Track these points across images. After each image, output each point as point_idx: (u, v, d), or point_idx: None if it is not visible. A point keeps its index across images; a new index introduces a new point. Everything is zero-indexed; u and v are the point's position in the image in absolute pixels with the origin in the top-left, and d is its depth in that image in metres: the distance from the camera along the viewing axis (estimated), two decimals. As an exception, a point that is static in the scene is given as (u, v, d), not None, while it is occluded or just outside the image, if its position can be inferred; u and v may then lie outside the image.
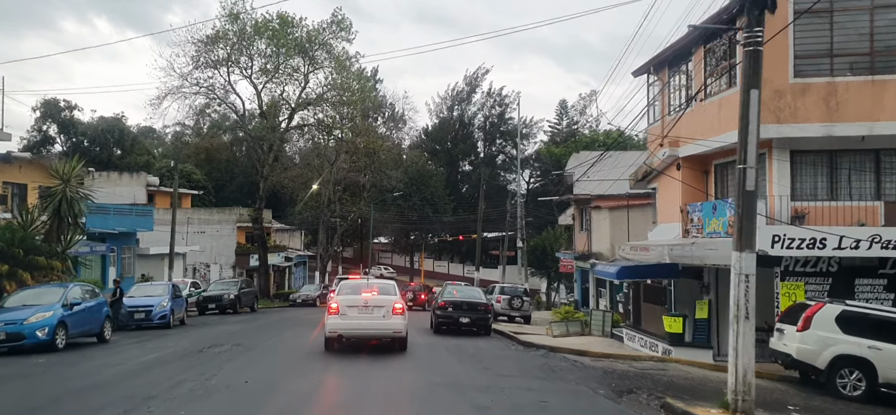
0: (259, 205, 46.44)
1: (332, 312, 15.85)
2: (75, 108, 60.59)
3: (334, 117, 48.22)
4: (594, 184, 32.50)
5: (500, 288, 32.52)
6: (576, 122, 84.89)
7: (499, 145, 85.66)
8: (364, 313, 15.73)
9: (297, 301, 44.69)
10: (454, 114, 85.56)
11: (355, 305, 15.78)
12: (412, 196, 69.81)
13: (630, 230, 26.73)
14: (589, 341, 20.94)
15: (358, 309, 15.74)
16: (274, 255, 52.09)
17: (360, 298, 15.92)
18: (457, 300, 21.83)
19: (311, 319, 30.62)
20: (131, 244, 37.79)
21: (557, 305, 53.92)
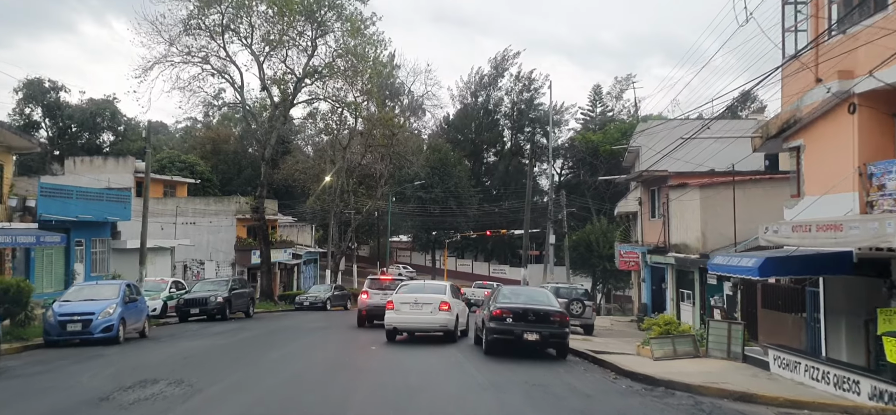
0: (260, 192, 40.02)
1: (389, 307, 18.36)
2: (61, 89, 54.60)
3: (347, 91, 41.68)
4: (669, 162, 25.73)
5: (552, 290, 25.72)
6: (611, 108, 77.89)
7: (527, 134, 78.69)
8: (415, 309, 17.98)
9: (303, 304, 38.21)
10: (478, 100, 78.78)
11: (407, 302, 18.09)
12: (434, 187, 63.12)
13: (739, 214, 19.94)
14: (716, 369, 14.18)
15: (410, 306, 18.00)
16: (279, 251, 45.65)
17: (411, 295, 18.36)
18: (520, 307, 15.11)
19: (315, 327, 24.05)
20: (104, 236, 31.45)
21: (601, 306, 47.11)
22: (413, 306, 18.01)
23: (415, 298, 18.18)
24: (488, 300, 17.19)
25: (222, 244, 43.31)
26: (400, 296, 18.52)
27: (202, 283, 30.20)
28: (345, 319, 31.90)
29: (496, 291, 17.17)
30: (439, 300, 18.10)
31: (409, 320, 18.07)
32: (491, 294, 17.94)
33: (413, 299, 18.11)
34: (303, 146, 73.08)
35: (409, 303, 18.04)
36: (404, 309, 17.99)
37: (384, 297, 21.70)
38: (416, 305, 18.01)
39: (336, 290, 40.77)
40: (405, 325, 18.23)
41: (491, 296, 17.36)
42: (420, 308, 17.99)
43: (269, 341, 18.72)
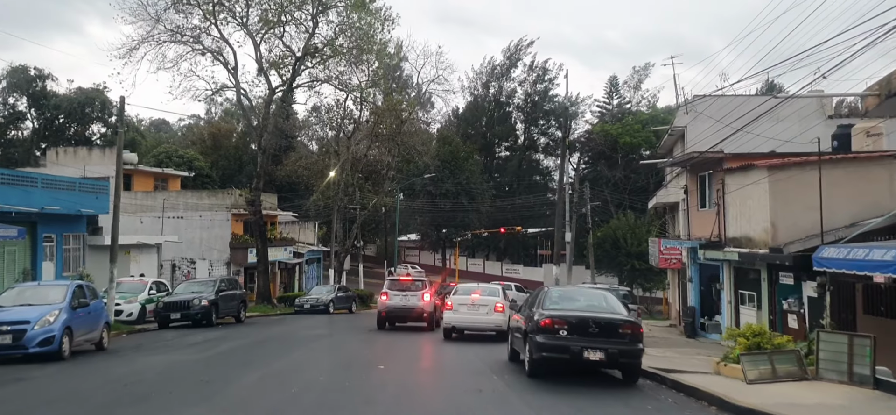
0: (256, 183, 36.49)
1: (447, 308, 20.32)
2: (48, 77, 51.18)
3: (351, 73, 38.15)
4: (720, 143, 22.08)
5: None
6: (628, 100, 74.09)
7: (541, 126, 74.90)
8: (472, 310, 19.92)
9: (304, 307, 34.66)
10: (490, 91, 75.05)
11: (465, 303, 20.05)
12: (444, 182, 59.45)
13: (815, 200, 16.21)
14: (845, 400, 10.53)
15: (467, 307, 19.95)
16: (278, 249, 42.16)
17: (469, 298, 20.22)
18: (578, 315, 11.40)
19: (314, 335, 20.48)
20: (79, 231, 27.97)
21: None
22: (470, 308, 19.83)
23: (471, 300, 20.01)
24: (528, 304, 13.52)
25: (216, 242, 39.81)
26: (458, 298, 20.35)
27: (187, 284, 26.65)
28: (349, 323, 28.31)
29: (540, 293, 13.37)
30: (494, 303, 20.06)
31: (466, 320, 19.85)
32: (531, 298, 14.25)
33: (470, 302, 19.96)
34: (306, 142, 69.83)
35: (467, 304, 19.89)
36: (462, 310, 19.80)
37: (405, 298, 22.56)
38: (473, 307, 19.83)
39: (339, 291, 37.22)
40: (463, 324, 19.91)
41: (532, 300, 13.66)
42: (477, 309, 19.85)
43: (252, 356, 15.14)
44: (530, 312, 12.32)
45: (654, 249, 29.86)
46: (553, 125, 74.29)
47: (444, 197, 58.97)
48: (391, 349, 17.30)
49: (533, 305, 12.63)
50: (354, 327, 26.52)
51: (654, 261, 29.61)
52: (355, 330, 24.55)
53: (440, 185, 59.14)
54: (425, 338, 21.16)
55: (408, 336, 21.58)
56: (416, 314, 23.31)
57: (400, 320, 23.35)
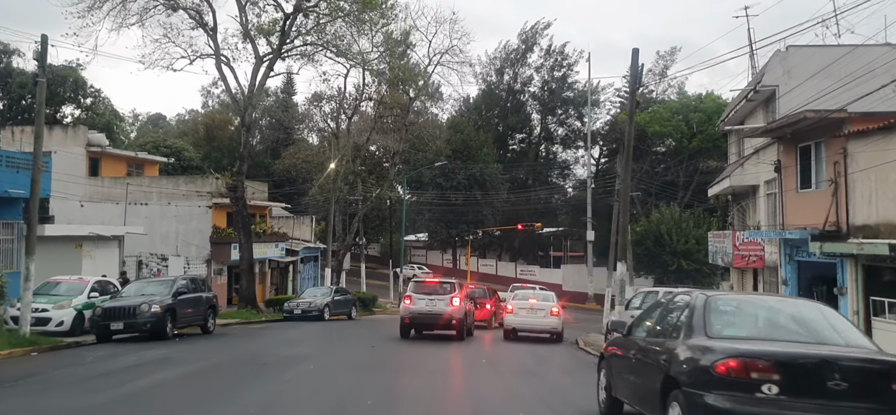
0: (238, 166, 30.91)
1: (508, 311, 22.52)
2: (15, 53, 45.75)
3: (352, 41, 32.58)
4: (820, 101, 16.45)
5: (667, 298, 16.45)
6: (651, 90, 68.18)
7: (559, 116, 69.10)
8: (530, 314, 22.05)
9: (293, 312, 29.10)
10: (504, 78, 69.28)
11: (524, 307, 22.24)
12: (456, 173, 53.75)
13: None
14: None
15: (526, 310, 22.10)
16: (267, 245, 36.62)
17: (527, 302, 22.45)
18: (807, 356, 5.60)
19: (296, 355, 14.80)
20: (12, 218, 22.38)
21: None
22: (529, 311, 21.93)
23: (530, 304, 22.18)
24: (659, 323, 7.74)
25: (194, 236, 34.24)
26: (517, 303, 22.55)
27: (139, 284, 20.99)
28: (348, 333, 22.69)
29: (699, 303, 7.19)
30: (550, 307, 22.26)
31: (526, 323, 21.96)
32: (654, 311, 8.57)
33: (528, 306, 22.11)
34: (306, 135, 64.47)
35: (526, 308, 22.04)
36: (522, 313, 21.98)
37: (431, 303, 20.13)
38: (531, 311, 21.94)
39: (337, 294, 31.62)
40: (522, 326, 21.99)
41: (662, 314, 7.88)
42: (534, 313, 21.94)
43: (187, 399, 9.50)
44: (671, 341, 6.59)
45: (720, 245, 24.22)
46: (572, 115, 68.53)
47: (456, 190, 53.22)
48: (410, 376, 11.75)
49: (673, 327, 6.88)
50: (354, 338, 20.90)
51: (722, 258, 23.98)
52: (355, 344, 18.94)
53: (451, 177, 53.42)
54: (457, 353, 15.87)
55: (433, 350, 16.26)
56: (444, 321, 20.16)
57: (426, 327, 20.67)
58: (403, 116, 39.92)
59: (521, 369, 14.45)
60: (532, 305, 22.07)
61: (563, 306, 24.35)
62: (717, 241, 25.31)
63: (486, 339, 22.66)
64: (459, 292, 20.47)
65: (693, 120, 56.54)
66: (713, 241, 26.04)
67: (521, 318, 21.86)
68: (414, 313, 20.16)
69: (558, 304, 22.96)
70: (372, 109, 42.85)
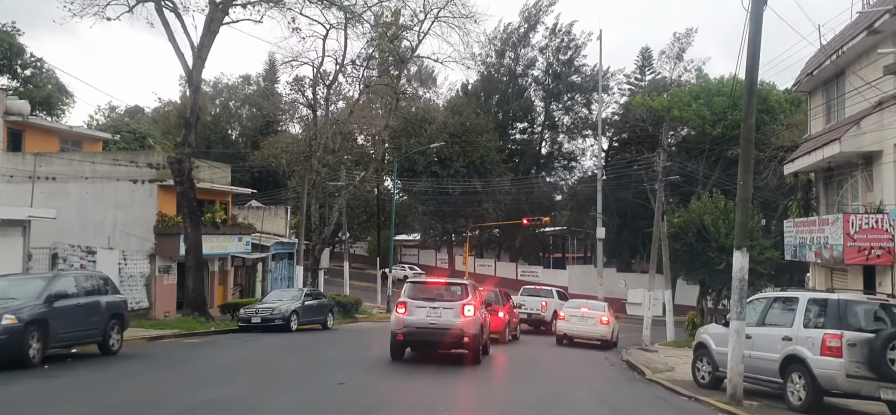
0: (185, 136, 24.60)
1: (561, 318, 23.94)
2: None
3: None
4: None
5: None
6: (663, 75, 62.12)
7: (565, 103, 62.90)
8: (581, 321, 23.30)
9: (251, 321, 22.77)
10: (505, 61, 63.07)
11: (576, 315, 23.56)
12: (454, 160, 47.42)
13: None
14: None
15: (578, 318, 23.40)
16: (228, 238, 30.32)
17: (579, 311, 23.77)
18: None
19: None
20: None
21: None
22: (580, 319, 23.38)
23: (581, 312, 23.70)
24: None
25: (136, 224, 27.76)
26: (569, 310, 24.03)
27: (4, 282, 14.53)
28: (314, 354, 16.29)
29: None
30: (599, 316, 23.62)
31: (577, 330, 23.28)
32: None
33: (580, 314, 23.58)
34: (290, 125, 58.36)
35: (578, 316, 23.50)
36: (573, 321, 23.39)
37: (435, 312, 14.49)
38: (582, 318, 23.40)
39: (308, 297, 25.32)
40: (574, 333, 23.25)
41: None
42: (585, 321, 23.36)
43: None
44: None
45: (810, 235, 18.18)
46: (579, 102, 62.37)
47: (453, 179, 46.86)
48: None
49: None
50: (321, 364, 14.56)
51: (816, 253, 17.91)
52: (319, 376, 12.63)
53: (448, 164, 47.07)
54: (482, 391, 9.88)
55: (440, 386, 10.58)
56: (452, 338, 14.56)
57: (427, 345, 15.10)
58: (392, 88, 33.67)
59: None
60: (583, 314, 23.50)
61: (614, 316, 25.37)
62: (803, 230, 19.19)
63: (500, 361, 16.46)
64: (474, 297, 14.34)
65: (715, 105, 50.80)
66: (795, 231, 19.93)
67: (572, 325, 23.25)
68: (411, 326, 14.59)
69: (609, 313, 24.37)
70: (356, 85, 36.93)
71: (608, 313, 24.17)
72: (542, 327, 28.68)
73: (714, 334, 12.41)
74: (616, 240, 55.30)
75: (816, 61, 19.81)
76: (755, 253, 28.58)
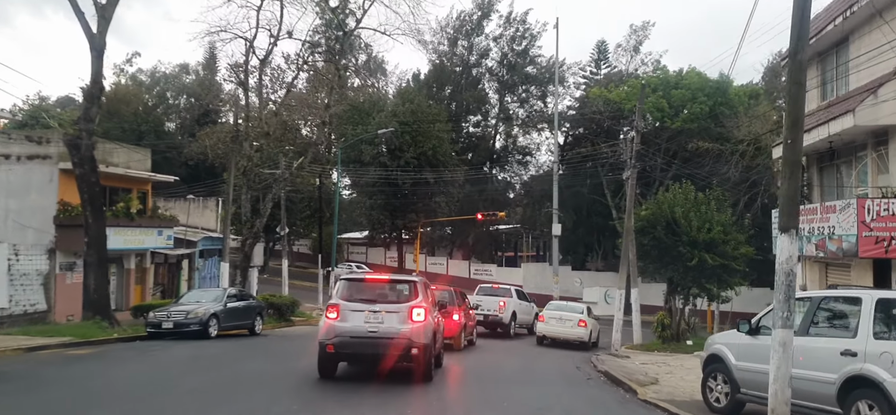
0: (86, 111, 20.90)
1: (541, 320, 24.46)
2: None
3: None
4: None
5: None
6: (620, 69, 60.23)
7: (520, 95, 60.48)
8: (560, 323, 23.60)
9: (161, 327, 19.31)
10: (457, 51, 60.33)
11: (555, 317, 23.83)
12: (404, 150, 44.33)
13: None
14: None
15: (556, 320, 23.70)
16: (146, 232, 26.66)
17: (558, 314, 24.04)
18: None
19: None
20: None
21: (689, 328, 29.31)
22: (559, 321, 23.59)
23: (560, 315, 23.90)
24: None
25: (34, 214, 24.00)
26: (549, 312, 24.30)
27: None
28: (224, 372, 12.93)
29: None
30: (578, 318, 23.78)
31: (555, 331, 23.55)
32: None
33: (559, 316, 23.83)
34: (230, 117, 54.44)
35: (556, 318, 23.73)
36: (552, 322, 23.67)
37: (375, 317, 11.34)
38: (560, 320, 23.59)
39: (233, 299, 21.94)
40: (553, 334, 23.51)
41: None
42: (563, 323, 23.57)
43: None
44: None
45: (810, 226, 15.88)
46: (534, 94, 60.06)
47: (403, 171, 43.76)
48: None
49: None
50: (231, 385, 11.33)
51: (819, 245, 15.59)
52: (225, 401, 9.43)
53: (397, 155, 43.93)
54: None
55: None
56: (397, 349, 11.34)
57: (365, 359, 11.90)
58: (334, 65, 30.44)
59: None
60: (562, 317, 23.70)
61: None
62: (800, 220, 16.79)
63: (456, 375, 13.55)
64: (425, 298, 11.39)
65: (674, 98, 49.19)
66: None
67: (551, 327, 23.56)
68: (344, 335, 11.42)
69: (589, 316, 24.57)
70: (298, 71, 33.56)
71: (588, 316, 24.62)
72: (500, 328, 25.92)
73: (733, 344, 9.74)
74: (571, 237, 53.23)
75: (814, 28, 17.48)
76: (729, 249, 26.46)
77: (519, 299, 27.26)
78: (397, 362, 11.36)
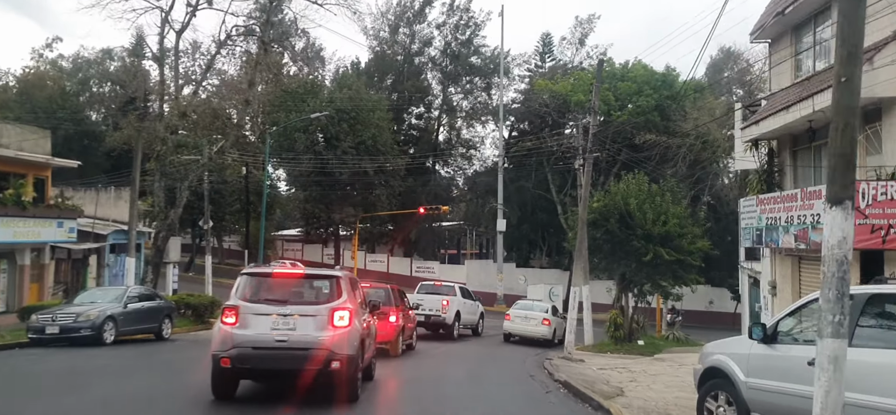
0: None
1: (507, 318, 25.07)
2: None
3: None
4: None
5: None
6: (568, 61, 58.83)
7: (464, 86, 58.41)
8: (525, 322, 24.36)
9: (45, 332, 16.33)
10: (398, 39, 57.84)
11: (520, 316, 24.64)
12: (341, 140, 41.60)
13: None
14: None
15: (521, 319, 24.51)
16: (43, 223, 23.41)
17: (524, 313, 24.82)
18: None
19: None
20: None
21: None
22: (524, 319, 24.45)
23: (525, 314, 24.81)
24: None
25: None
26: (515, 311, 25.30)
27: None
28: (104, 396, 10.19)
29: None
30: (542, 317, 24.55)
31: (520, 329, 24.30)
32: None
33: (524, 315, 24.70)
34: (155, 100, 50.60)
35: (522, 317, 24.55)
36: (518, 321, 24.49)
37: (286, 322, 9.12)
38: (526, 319, 24.43)
39: (137, 299, 19.02)
40: (518, 332, 24.29)
41: None
42: (528, 321, 24.37)
43: None
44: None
45: (789, 215, 14.24)
46: (479, 86, 58.07)
47: (340, 162, 41.05)
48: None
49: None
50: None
51: (800, 234, 13.94)
52: None
53: (334, 144, 41.18)
54: None
55: None
56: (314, 363, 8.97)
57: (270, 375, 9.63)
58: (260, 40, 27.65)
59: None
60: (527, 316, 24.47)
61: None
62: (774, 209, 15.17)
63: (390, 392, 11.22)
64: (350, 297, 9.02)
65: (620, 90, 48.10)
66: (758, 211, 15.93)
67: (517, 325, 24.31)
68: (245, 346, 9.01)
69: (554, 315, 25.33)
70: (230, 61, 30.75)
71: (552, 315, 25.23)
72: (443, 330, 23.64)
73: (740, 355, 7.67)
74: (516, 233, 51.59)
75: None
76: (686, 243, 24.93)
77: (463, 298, 25.07)
78: (315, 378, 8.97)
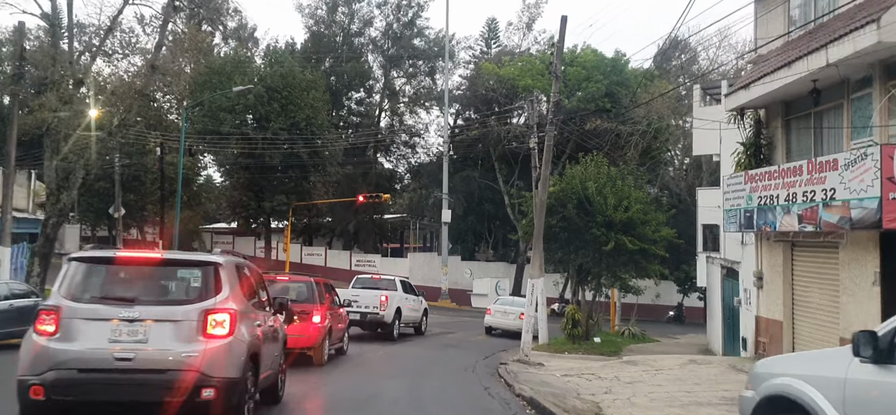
0: None
1: (488, 313, 26.25)
2: None
3: None
4: None
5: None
6: (514, 47, 56.59)
7: (407, 70, 55.55)
8: (504, 316, 25.21)
9: None
10: (337, 18, 54.55)
11: (500, 311, 25.61)
12: (271, 121, 38.16)
13: None
14: None
15: (501, 314, 25.46)
16: None
17: (503, 308, 25.76)
18: None
19: None
20: None
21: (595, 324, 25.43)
22: (503, 314, 25.43)
23: (504, 309, 25.76)
24: None
25: None
26: (496, 307, 26.29)
27: None
28: None
29: None
30: (519, 311, 23.27)
31: (500, 323, 25.17)
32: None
33: (504, 310, 25.70)
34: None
35: (502, 311, 25.60)
36: (498, 315, 25.55)
37: (131, 330, 6.19)
38: (505, 314, 25.39)
39: (7, 298, 15.54)
40: (498, 325, 25.14)
41: None
42: (507, 315, 25.15)
43: None
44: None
45: (791, 191, 12.03)
46: (422, 70, 55.35)
47: (272, 145, 37.62)
48: None
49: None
50: None
51: (805, 213, 11.71)
52: None
53: (265, 125, 37.73)
54: None
55: None
56: (175, 391, 5.79)
57: (110, 410, 6.24)
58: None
59: None
60: (505, 311, 25.53)
61: None
62: (770, 186, 12.94)
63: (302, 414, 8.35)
64: (231, 294, 6.10)
65: (570, 76, 46.19)
66: (748, 189, 13.73)
67: (497, 319, 25.46)
68: (67, 366, 6.05)
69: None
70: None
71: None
72: (381, 329, 20.74)
73: (833, 380, 4.90)
74: (461, 225, 49.21)
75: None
76: (649, 231, 22.77)
77: (405, 293, 22.22)
78: (180, 410, 6.06)
